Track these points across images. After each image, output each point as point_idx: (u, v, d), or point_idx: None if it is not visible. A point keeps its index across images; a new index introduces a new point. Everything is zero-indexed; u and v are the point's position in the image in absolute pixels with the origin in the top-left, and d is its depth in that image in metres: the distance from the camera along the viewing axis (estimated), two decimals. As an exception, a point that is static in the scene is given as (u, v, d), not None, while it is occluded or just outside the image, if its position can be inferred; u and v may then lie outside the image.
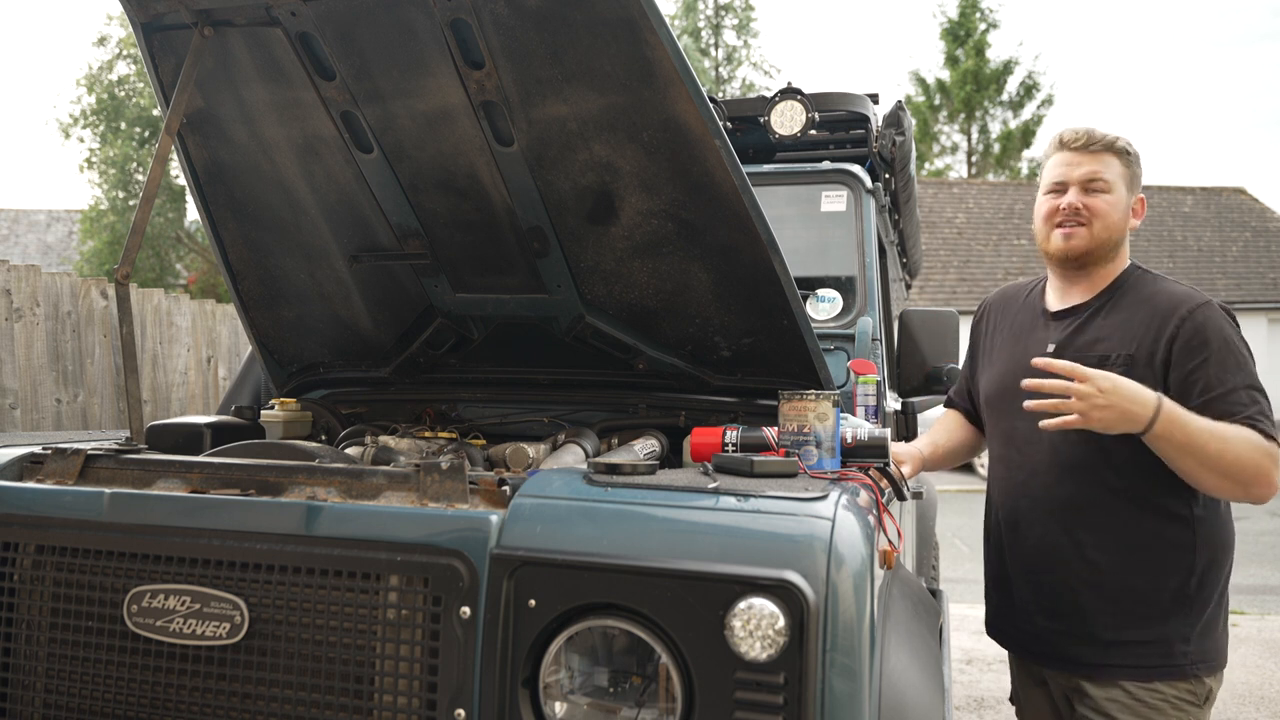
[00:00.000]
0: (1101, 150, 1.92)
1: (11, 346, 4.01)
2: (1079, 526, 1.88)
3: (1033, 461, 1.95)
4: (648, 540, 1.23)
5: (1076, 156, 1.93)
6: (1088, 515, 1.87)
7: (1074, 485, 1.88)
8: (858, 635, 1.16)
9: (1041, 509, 1.93)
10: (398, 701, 1.26)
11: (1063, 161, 1.95)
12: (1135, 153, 1.95)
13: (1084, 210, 1.91)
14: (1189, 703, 1.83)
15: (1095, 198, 1.91)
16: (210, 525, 1.38)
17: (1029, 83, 26.71)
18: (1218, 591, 1.85)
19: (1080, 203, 1.91)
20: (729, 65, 28.93)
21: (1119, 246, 1.93)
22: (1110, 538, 1.85)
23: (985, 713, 4.12)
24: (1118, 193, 1.91)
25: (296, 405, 2.32)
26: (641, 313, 1.99)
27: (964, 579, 6.89)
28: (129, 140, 18.50)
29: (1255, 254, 20.34)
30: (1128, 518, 1.84)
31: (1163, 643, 1.82)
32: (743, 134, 2.91)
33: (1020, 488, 1.99)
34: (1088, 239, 1.91)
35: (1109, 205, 1.90)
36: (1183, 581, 1.82)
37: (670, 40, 1.54)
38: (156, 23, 1.85)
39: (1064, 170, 1.94)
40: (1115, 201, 1.91)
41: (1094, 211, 1.90)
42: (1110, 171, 1.91)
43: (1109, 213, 1.90)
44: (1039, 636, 1.96)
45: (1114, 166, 1.91)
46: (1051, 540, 1.92)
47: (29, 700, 1.43)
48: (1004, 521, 2.04)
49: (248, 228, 2.15)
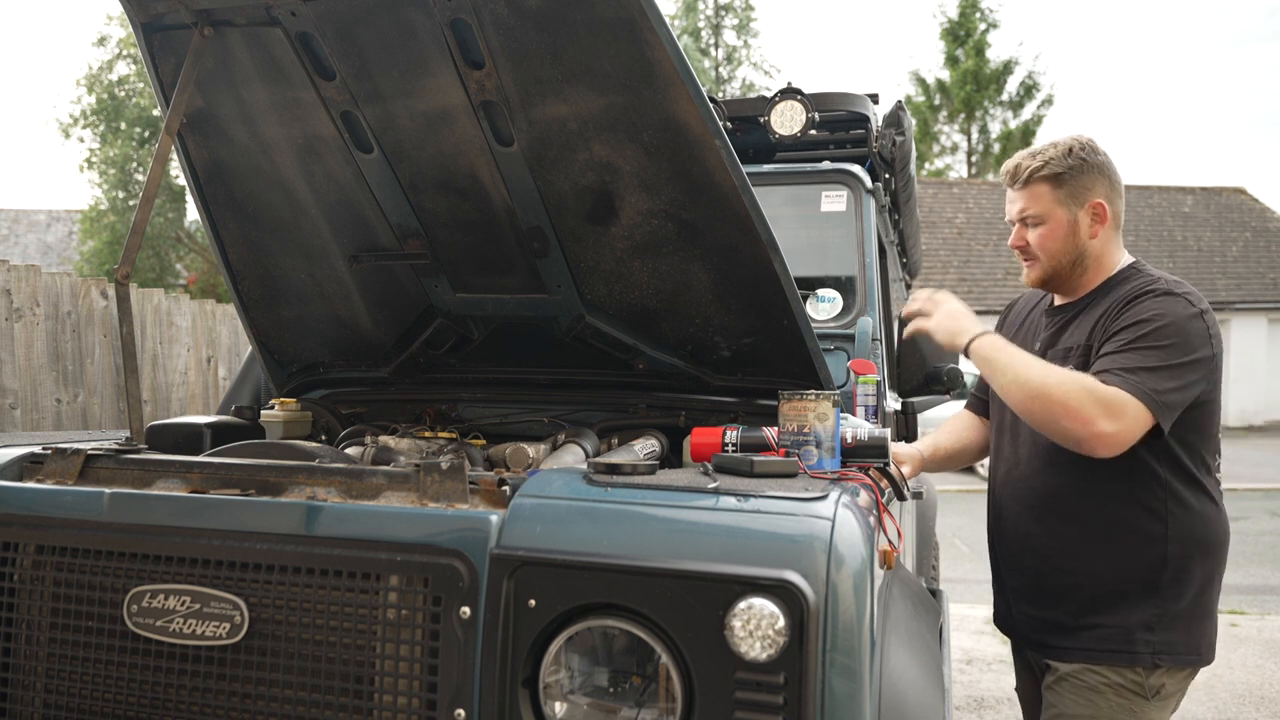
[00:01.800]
0: (1026, 184, 1.95)
1: (11, 346, 4.01)
2: (1052, 514, 1.92)
3: (1018, 452, 2.01)
4: (648, 540, 1.23)
5: (1011, 194, 2.00)
6: (1061, 503, 1.91)
7: (1051, 474, 1.92)
8: (858, 635, 1.16)
9: (1021, 498, 1.99)
10: (398, 701, 1.26)
11: (1007, 199, 2.03)
12: (1073, 163, 1.92)
13: (1028, 245, 1.97)
14: (1132, 691, 1.83)
15: (1033, 231, 1.96)
16: (210, 525, 1.38)
17: (1029, 83, 26.74)
18: (1195, 587, 1.84)
19: (1022, 239, 1.98)
20: (729, 65, 28.95)
21: (1084, 261, 1.95)
22: (1081, 525, 1.89)
23: (985, 713, 4.12)
24: (1053, 220, 1.93)
25: (296, 405, 2.32)
26: (641, 313, 1.99)
27: (964, 579, 6.89)
28: (129, 140, 18.51)
29: (1255, 254, 20.35)
30: (1099, 506, 1.87)
31: (1123, 629, 1.83)
32: (743, 134, 2.91)
33: (1005, 476, 2.05)
34: (1040, 270, 1.98)
35: (1045, 237, 1.94)
36: (1153, 574, 1.83)
37: (670, 40, 1.54)
38: (156, 23, 1.85)
39: (1007, 209, 2.02)
40: (1051, 231, 1.93)
41: (1037, 245, 1.95)
42: (1039, 204, 1.93)
43: (1048, 244, 1.94)
44: (1023, 623, 2.02)
45: (1042, 196, 1.93)
46: (1027, 528, 1.97)
47: (29, 700, 1.43)
48: (992, 510, 2.11)
49: (248, 228, 2.15)
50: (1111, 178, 1.95)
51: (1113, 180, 1.96)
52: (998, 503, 2.08)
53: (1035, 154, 1.96)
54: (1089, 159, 1.93)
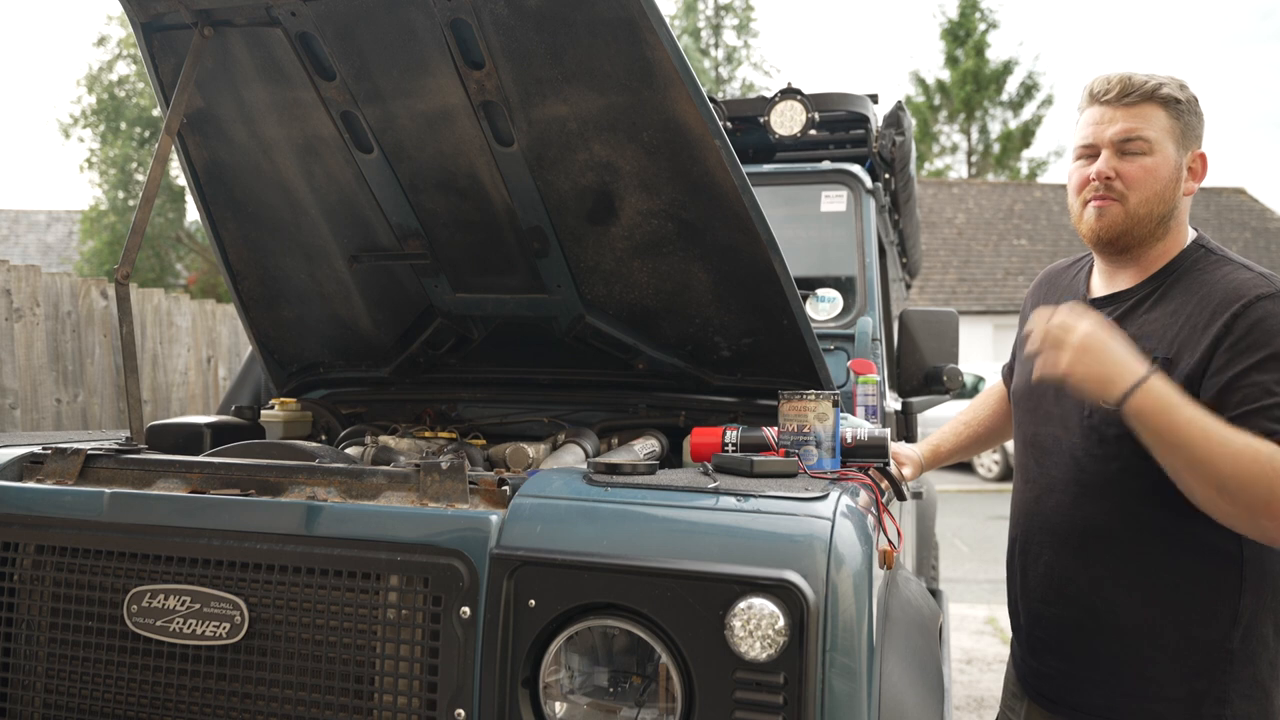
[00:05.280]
0: (1138, 101, 1.56)
1: (11, 346, 4.01)
2: (1097, 558, 1.59)
3: (1050, 476, 1.68)
4: (648, 540, 1.23)
5: (1109, 112, 1.58)
6: (1108, 545, 1.58)
7: (1094, 508, 1.59)
8: (857, 635, 1.16)
9: (1054, 532, 1.66)
10: (398, 701, 1.26)
11: (1092, 119, 1.60)
12: (1189, 98, 1.58)
13: (1118, 180, 1.57)
14: None
15: (1132, 162, 1.56)
16: (210, 525, 1.38)
17: (1029, 83, 26.74)
18: (1271, 644, 1.50)
19: (1113, 170, 1.57)
20: (729, 65, 28.92)
21: (1169, 220, 1.58)
22: (1134, 574, 1.55)
23: (985, 713, 4.12)
24: (1162, 152, 1.55)
25: (296, 405, 2.32)
26: (641, 313, 1.99)
27: (964, 579, 6.89)
28: (129, 140, 18.49)
29: (1255, 254, 20.34)
30: (1157, 552, 1.53)
31: (1191, 700, 1.51)
32: (743, 134, 2.91)
33: (1033, 504, 1.72)
34: (1122, 216, 1.57)
35: (1148, 171, 1.55)
36: (1222, 633, 1.49)
37: (670, 40, 1.54)
38: (156, 23, 1.85)
39: (1094, 130, 1.60)
40: (1158, 165, 1.55)
41: (1130, 181, 1.56)
42: (1152, 127, 1.55)
43: (1149, 181, 1.55)
44: (1045, 676, 1.69)
45: (1157, 120, 1.56)
46: (1063, 570, 1.64)
47: (29, 700, 1.43)
48: (1017, 541, 1.77)
49: (248, 228, 2.15)
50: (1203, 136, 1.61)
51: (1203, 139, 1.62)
52: (1025, 535, 1.73)
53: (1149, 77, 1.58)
54: (1197, 102, 1.59)
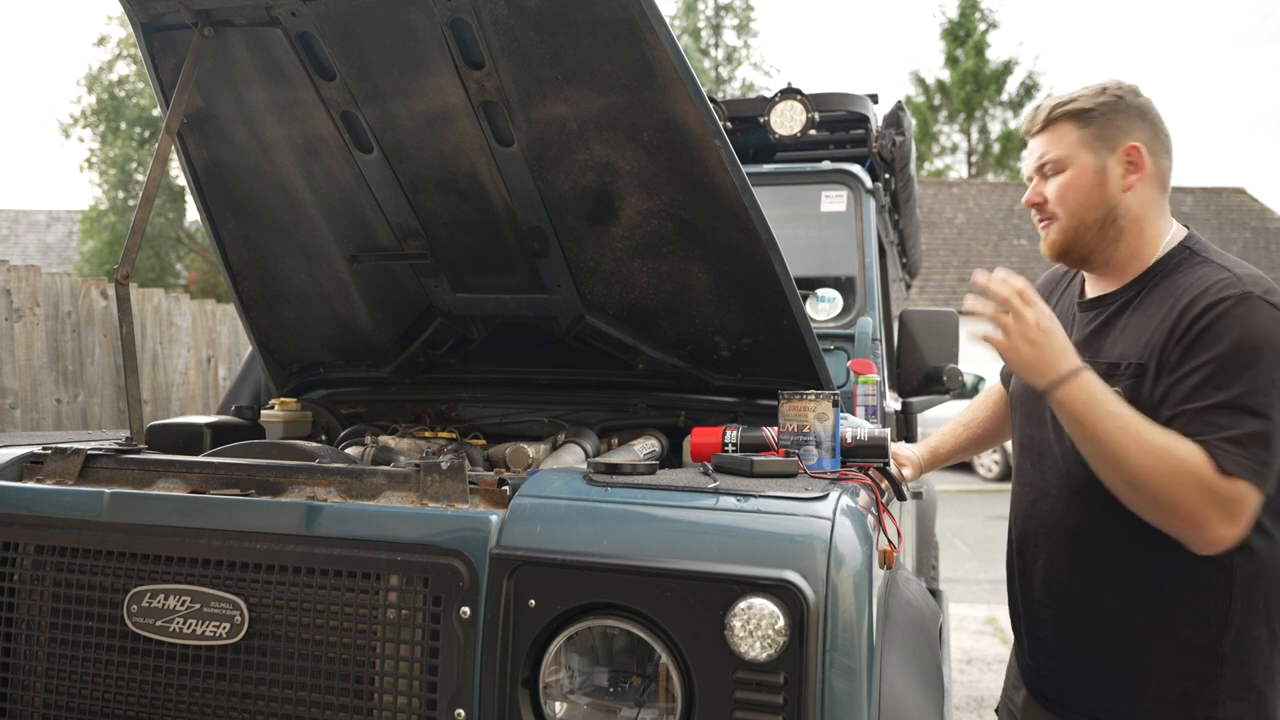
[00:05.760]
0: (1046, 126, 1.62)
1: (11, 346, 4.01)
2: (1090, 562, 1.61)
3: (1045, 480, 1.69)
4: (648, 540, 1.23)
5: (1031, 143, 1.66)
6: (1100, 549, 1.59)
7: (1087, 512, 1.60)
8: (857, 635, 1.16)
9: (1049, 536, 1.67)
10: (398, 701, 1.26)
11: (1026, 154, 1.68)
12: (1109, 99, 1.59)
13: (1046, 202, 1.62)
14: None
15: (1051, 183, 1.61)
16: (210, 525, 1.38)
17: (1029, 83, 26.73)
18: (1265, 648, 1.49)
19: (1039, 195, 1.63)
20: (729, 65, 28.92)
21: (1115, 222, 1.58)
22: (1125, 578, 1.56)
23: (985, 713, 4.11)
24: (1077, 164, 1.58)
25: (296, 405, 2.32)
26: (641, 313, 1.99)
27: (964, 579, 6.89)
28: (129, 140, 18.49)
29: (1255, 254, 20.33)
30: (1148, 556, 1.52)
31: (1183, 702, 1.51)
32: (743, 134, 2.92)
33: (1030, 508, 1.73)
34: (1060, 232, 1.61)
35: (1066, 186, 1.59)
36: (1213, 637, 1.49)
37: (670, 40, 1.54)
38: (156, 23, 1.85)
39: (1025, 164, 1.69)
40: (1075, 177, 1.58)
41: (1055, 199, 1.60)
42: (1060, 145, 1.60)
43: (1070, 194, 1.58)
44: (1043, 676, 1.71)
45: (1066, 136, 1.59)
46: (1058, 573, 1.66)
47: (29, 700, 1.43)
48: (1016, 543, 1.79)
49: (248, 228, 2.15)
50: (1155, 125, 1.60)
51: (1156, 128, 1.60)
52: (1022, 538, 1.75)
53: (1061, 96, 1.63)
54: (1126, 98, 1.59)
